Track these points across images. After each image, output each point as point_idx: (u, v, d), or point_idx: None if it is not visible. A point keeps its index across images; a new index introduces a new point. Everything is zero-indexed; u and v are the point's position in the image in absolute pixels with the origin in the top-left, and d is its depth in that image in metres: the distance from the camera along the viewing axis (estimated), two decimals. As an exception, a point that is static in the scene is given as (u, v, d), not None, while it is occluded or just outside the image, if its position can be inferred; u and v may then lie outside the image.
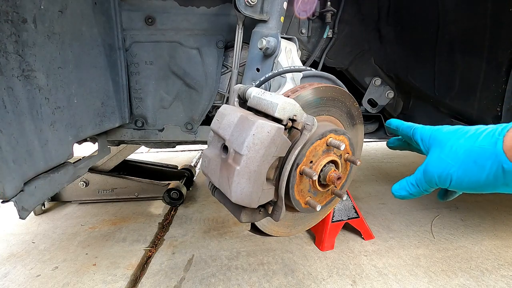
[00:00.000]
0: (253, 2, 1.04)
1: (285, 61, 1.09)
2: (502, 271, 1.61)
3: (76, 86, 1.05)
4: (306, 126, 0.68)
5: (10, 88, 0.78)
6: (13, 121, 0.79)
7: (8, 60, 0.78)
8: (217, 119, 0.74)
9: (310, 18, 1.45)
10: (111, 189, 2.51)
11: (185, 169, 2.95)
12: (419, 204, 2.42)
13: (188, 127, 1.49)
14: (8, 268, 1.72)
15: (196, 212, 2.36)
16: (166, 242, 1.94)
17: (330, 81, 0.92)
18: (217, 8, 1.32)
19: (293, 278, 1.58)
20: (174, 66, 1.37)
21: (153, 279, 1.59)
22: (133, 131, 1.48)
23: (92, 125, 1.16)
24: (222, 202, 0.82)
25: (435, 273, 1.60)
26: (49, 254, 1.84)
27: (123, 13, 1.29)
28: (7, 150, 0.77)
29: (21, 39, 0.81)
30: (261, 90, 0.74)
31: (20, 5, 0.80)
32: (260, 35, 1.07)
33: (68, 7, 0.99)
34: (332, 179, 0.75)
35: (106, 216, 2.33)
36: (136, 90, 1.40)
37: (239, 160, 0.64)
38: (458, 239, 1.92)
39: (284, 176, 0.70)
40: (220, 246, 1.88)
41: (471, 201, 2.45)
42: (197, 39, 1.35)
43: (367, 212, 2.29)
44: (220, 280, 1.58)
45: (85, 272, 1.67)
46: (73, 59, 1.03)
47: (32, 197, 0.88)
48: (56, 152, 0.97)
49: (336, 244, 1.84)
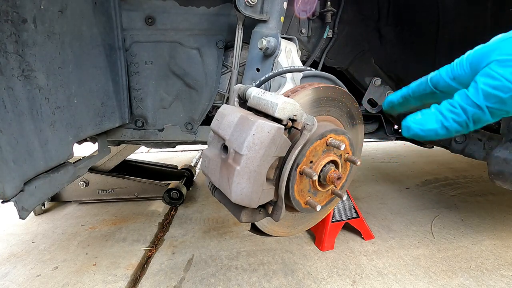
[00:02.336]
0: (253, 2, 1.04)
1: (285, 61, 1.09)
2: (502, 271, 1.61)
3: (76, 86, 1.05)
4: (306, 126, 0.68)
5: (10, 88, 0.78)
6: (13, 121, 0.79)
7: (8, 60, 0.78)
8: (217, 119, 0.74)
9: (310, 18, 1.44)
10: (111, 189, 2.51)
11: (185, 169, 2.95)
12: (419, 204, 2.42)
13: (188, 127, 1.49)
14: (8, 268, 1.72)
15: (196, 212, 2.36)
16: (166, 242, 1.94)
17: (330, 81, 0.92)
18: (217, 8, 1.32)
19: (293, 278, 1.58)
20: (174, 66, 1.37)
21: (153, 279, 1.59)
22: (133, 131, 1.48)
23: (92, 125, 1.16)
24: (222, 202, 0.82)
25: (435, 273, 1.60)
26: (49, 254, 1.84)
27: (123, 13, 1.29)
28: (7, 150, 0.77)
29: (21, 39, 0.81)
30: (261, 90, 0.74)
31: (20, 5, 0.80)
32: (260, 35, 1.07)
33: (68, 7, 0.99)
34: (332, 179, 0.75)
35: (106, 216, 2.33)
36: (136, 90, 1.40)
37: (239, 160, 0.64)
38: (458, 239, 1.92)
39: (284, 176, 0.70)
40: (220, 246, 1.88)
41: (471, 201, 2.45)
42: (197, 39, 1.35)
43: (367, 212, 2.29)
44: (220, 280, 1.58)
45: (85, 272, 1.67)
46: (73, 59, 1.03)
47: (32, 197, 0.88)
48: (56, 152, 0.96)
49: (336, 244, 1.84)
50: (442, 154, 3.73)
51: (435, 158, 3.67)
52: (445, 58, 1.30)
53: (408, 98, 0.60)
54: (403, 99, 0.61)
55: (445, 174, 3.07)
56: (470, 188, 2.72)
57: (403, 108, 0.64)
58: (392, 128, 1.86)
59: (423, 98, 0.58)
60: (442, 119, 0.48)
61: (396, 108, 0.65)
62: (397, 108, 0.65)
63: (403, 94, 0.61)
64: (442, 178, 2.99)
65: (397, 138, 1.90)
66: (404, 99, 0.61)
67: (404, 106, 0.63)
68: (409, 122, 0.52)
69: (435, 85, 0.55)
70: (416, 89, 0.58)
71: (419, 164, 3.48)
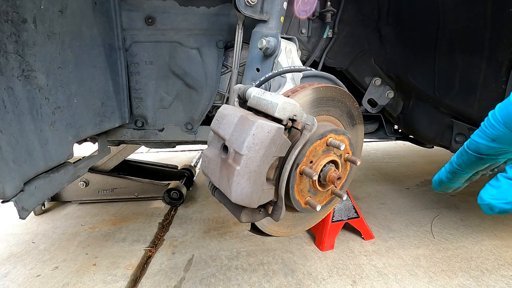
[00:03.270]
0: (253, 2, 1.04)
1: (285, 61, 1.09)
2: (502, 271, 1.61)
3: (76, 86, 1.05)
4: (306, 126, 0.68)
5: (10, 88, 0.78)
6: (13, 121, 0.79)
7: (8, 60, 0.78)
8: (217, 119, 0.74)
9: (310, 18, 1.45)
10: (111, 189, 2.51)
11: (185, 169, 2.95)
12: (419, 204, 2.42)
13: (188, 127, 1.49)
14: (8, 268, 1.71)
15: (196, 212, 2.36)
16: (166, 242, 1.94)
17: (330, 81, 0.93)
18: (217, 8, 1.32)
19: (293, 278, 1.58)
20: (174, 66, 1.37)
21: (153, 279, 1.59)
22: (133, 131, 1.48)
23: (92, 125, 1.16)
24: (222, 202, 0.82)
25: (435, 273, 1.60)
26: (49, 254, 1.84)
27: (123, 13, 1.29)
28: (7, 150, 0.77)
29: (21, 39, 0.81)
30: (261, 90, 0.74)
31: (20, 5, 0.80)
32: (260, 35, 1.07)
33: (68, 7, 0.99)
34: (332, 179, 0.75)
35: (106, 216, 2.33)
36: (136, 90, 1.40)
37: (239, 160, 0.64)
38: (458, 239, 1.92)
39: (284, 176, 0.70)
40: (220, 246, 1.88)
41: (471, 201, 2.45)
42: (197, 39, 1.35)
43: (367, 212, 2.29)
44: (220, 280, 1.58)
45: (85, 272, 1.67)
46: (73, 59, 1.03)
47: (32, 197, 0.88)
48: (56, 152, 0.97)
49: (336, 244, 1.84)
50: (442, 154, 3.73)
51: (435, 158, 3.68)
52: (445, 58, 1.30)
53: (456, 172, 0.59)
54: (452, 174, 0.60)
55: (445, 174, 3.07)
56: (470, 188, 2.69)
57: (455, 183, 0.63)
58: (392, 128, 1.86)
59: (470, 166, 0.57)
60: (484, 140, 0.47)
61: (449, 185, 0.63)
62: (450, 185, 0.63)
63: (449, 170, 0.60)
64: (442, 178, 2.99)
65: (397, 138, 1.90)
66: (453, 174, 0.60)
67: (456, 180, 0.62)
68: (488, 200, 0.49)
69: (477, 151, 0.53)
70: (459, 161, 0.57)
71: (419, 164, 3.48)
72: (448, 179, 0.61)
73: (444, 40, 1.27)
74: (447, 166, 0.60)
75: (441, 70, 1.33)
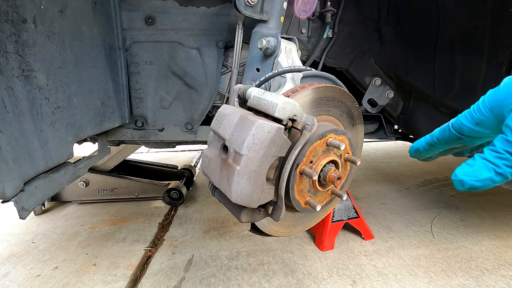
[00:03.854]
0: (253, 2, 1.04)
1: (285, 61, 1.09)
2: (502, 271, 1.61)
3: (76, 86, 1.05)
4: (306, 126, 0.68)
5: (10, 88, 0.78)
6: (13, 121, 0.79)
7: (8, 60, 0.78)
8: (217, 119, 0.74)
9: (310, 18, 1.45)
10: (111, 189, 2.51)
11: (185, 169, 2.95)
12: (419, 204, 2.42)
13: (188, 127, 1.49)
14: (8, 268, 1.71)
15: (196, 212, 2.36)
16: (166, 242, 1.94)
17: (330, 81, 0.93)
18: (217, 8, 1.32)
19: (293, 278, 1.58)
20: (174, 66, 1.37)
21: (153, 279, 1.59)
22: (133, 131, 1.48)
23: (92, 125, 1.16)
24: (222, 202, 0.82)
25: (435, 273, 1.60)
26: (49, 254, 1.84)
27: (123, 13, 1.29)
28: (7, 150, 0.77)
29: (21, 39, 0.81)
30: (261, 90, 0.74)
31: (20, 5, 0.80)
32: (260, 35, 1.07)
33: (68, 7, 0.99)
34: (332, 179, 0.75)
35: (106, 216, 2.33)
36: (136, 90, 1.40)
37: (239, 160, 0.64)
38: (458, 239, 1.92)
39: (284, 176, 0.70)
40: (220, 246, 1.88)
41: (471, 201, 2.45)
42: (197, 39, 1.35)
43: (367, 212, 2.29)
44: (220, 280, 1.58)
45: (85, 272, 1.67)
46: (73, 59, 1.03)
47: (32, 197, 0.88)
48: (56, 152, 0.97)
49: (336, 244, 1.84)
50: (442, 154, 3.72)
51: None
52: (445, 58, 1.30)
53: (434, 145, 0.62)
54: (429, 146, 0.63)
55: (445, 174, 3.07)
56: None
57: (430, 154, 0.66)
58: (392, 128, 1.86)
59: (449, 143, 0.60)
60: (494, 166, 0.48)
61: (424, 154, 0.66)
62: (424, 154, 0.66)
63: (428, 142, 0.63)
64: (442, 178, 3.00)
65: (397, 138, 1.91)
66: (430, 146, 0.63)
67: (431, 152, 0.65)
68: (461, 176, 0.51)
69: (459, 131, 0.56)
70: (440, 136, 0.60)
71: (419, 164, 3.48)
72: (425, 149, 0.64)
73: (444, 40, 1.27)
74: (427, 137, 0.63)
75: (441, 70, 1.33)
